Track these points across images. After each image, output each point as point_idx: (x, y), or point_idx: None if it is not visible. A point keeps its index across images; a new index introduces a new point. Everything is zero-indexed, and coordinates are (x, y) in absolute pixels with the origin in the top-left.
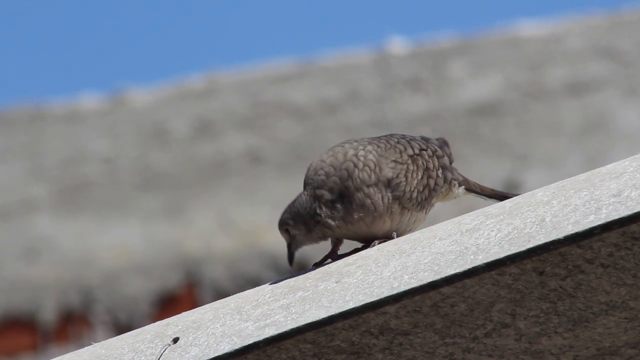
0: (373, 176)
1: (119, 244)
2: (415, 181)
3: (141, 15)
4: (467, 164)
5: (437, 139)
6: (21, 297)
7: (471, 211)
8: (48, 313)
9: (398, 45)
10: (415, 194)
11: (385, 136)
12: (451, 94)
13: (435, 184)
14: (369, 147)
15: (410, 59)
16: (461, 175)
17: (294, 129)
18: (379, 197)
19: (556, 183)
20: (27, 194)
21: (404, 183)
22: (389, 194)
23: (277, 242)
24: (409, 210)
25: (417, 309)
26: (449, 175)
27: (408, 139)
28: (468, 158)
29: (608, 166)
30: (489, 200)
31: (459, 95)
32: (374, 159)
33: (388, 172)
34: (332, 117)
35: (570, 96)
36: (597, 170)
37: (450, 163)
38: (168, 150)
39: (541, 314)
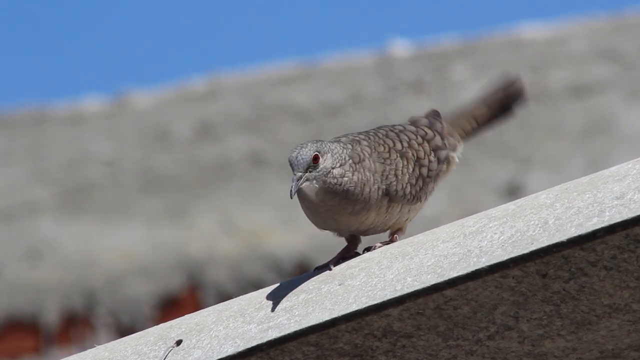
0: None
1: (121, 246)
2: (407, 177)
3: (144, 18)
4: (469, 167)
5: (427, 115)
6: (24, 299)
7: (474, 214)
8: (51, 315)
9: (401, 47)
10: (408, 189)
11: (374, 130)
12: (454, 96)
13: (429, 169)
14: (364, 143)
15: (413, 62)
16: (455, 131)
17: (296, 132)
18: (375, 188)
19: (559, 186)
20: (30, 196)
21: (395, 182)
22: (383, 187)
23: (280, 245)
24: (399, 205)
25: (420, 311)
26: (443, 154)
27: (397, 131)
28: (471, 161)
29: (611, 169)
30: (490, 127)
31: (461, 97)
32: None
33: (379, 167)
34: (335, 119)
35: (573, 99)
36: (600, 172)
37: (444, 139)
38: (171, 153)
39: (544, 317)
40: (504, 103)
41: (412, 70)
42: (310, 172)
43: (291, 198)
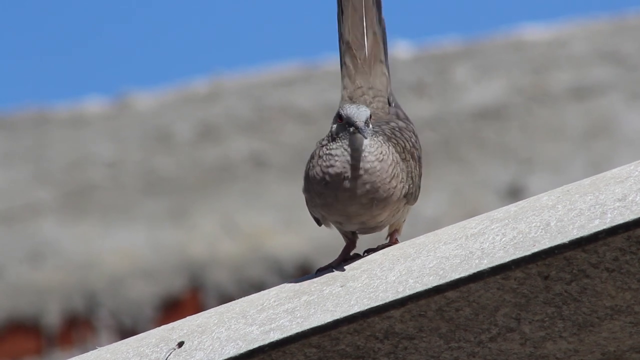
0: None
1: (123, 248)
2: (417, 178)
3: (145, 19)
4: (471, 168)
5: (395, 106)
6: (25, 301)
7: (476, 215)
8: (52, 317)
9: (402, 49)
10: (418, 191)
11: (380, 125)
12: (455, 98)
13: (422, 167)
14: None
15: (415, 63)
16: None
17: (298, 133)
18: (400, 186)
19: (561, 187)
20: (32, 198)
21: (412, 184)
22: (406, 188)
23: (282, 246)
24: (405, 204)
25: (422, 313)
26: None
27: (398, 129)
28: (472, 162)
29: (613, 170)
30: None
31: (463, 99)
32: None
33: (404, 166)
34: None
35: (574, 100)
36: (602, 174)
37: None
38: (172, 155)
39: (546, 318)
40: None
41: (414, 72)
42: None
43: (366, 138)
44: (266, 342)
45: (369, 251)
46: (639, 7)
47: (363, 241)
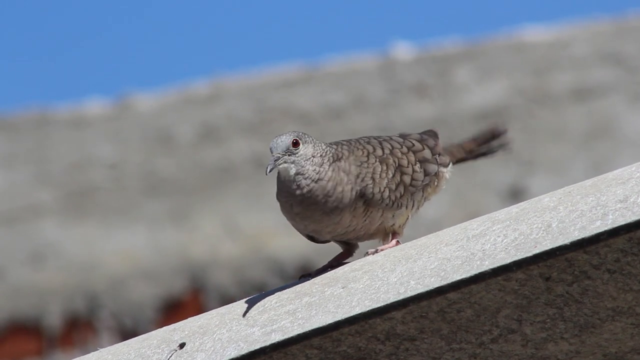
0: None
1: (124, 249)
2: (386, 181)
3: (146, 21)
4: (472, 170)
5: (421, 133)
6: (27, 302)
7: (477, 217)
8: (53, 318)
9: (403, 50)
10: (387, 194)
11: (357, 138)
12: (457, 99)
13: (413, 179)
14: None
15: (416, 65)
16: (446, 154)
17: None
18: (347, 188)
19: (562, 189)
20: (33, 199)
21: (371, 185)
22: (358, 189)
23: (283, 248)
24: (379, 209)
25: (424, 314)
26: (433, 168)
27: (381, 139)
28: (473, 164)
29: (614, 172)
30: (482, 159)
31: (464, 100)
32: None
33: (355, 169)
34: (338, 122)
35: (575, 102)
36: (604, 176)
37: (435, 154)
38: (173, 156)
39: (547, 320)
40: (490, 143)
41: (415, 73)
42: (289, 155)
43: (266, 174)
44: (267, 343)
45: (369, 253)
46: (639, 8)
47: (366, 244)
